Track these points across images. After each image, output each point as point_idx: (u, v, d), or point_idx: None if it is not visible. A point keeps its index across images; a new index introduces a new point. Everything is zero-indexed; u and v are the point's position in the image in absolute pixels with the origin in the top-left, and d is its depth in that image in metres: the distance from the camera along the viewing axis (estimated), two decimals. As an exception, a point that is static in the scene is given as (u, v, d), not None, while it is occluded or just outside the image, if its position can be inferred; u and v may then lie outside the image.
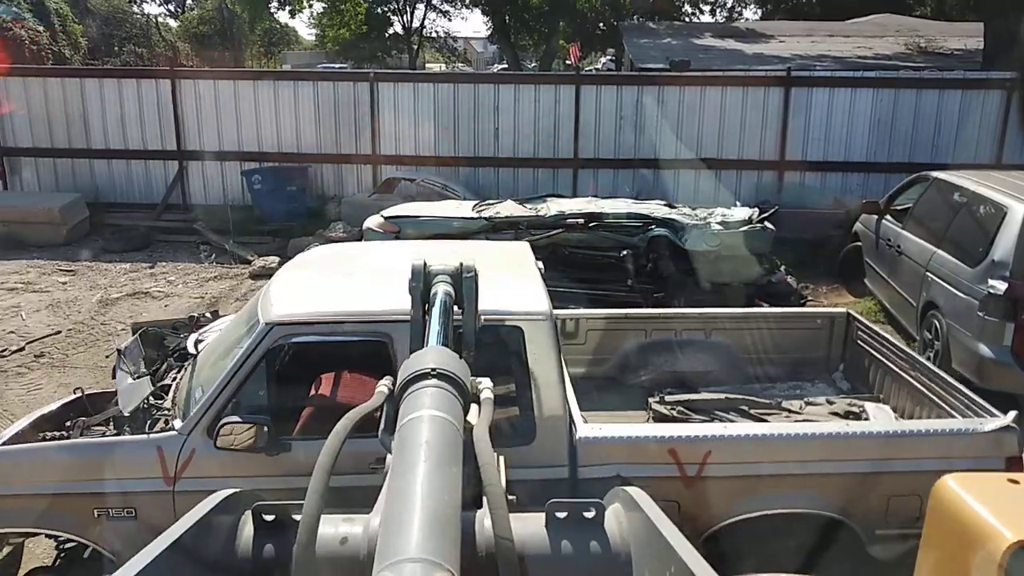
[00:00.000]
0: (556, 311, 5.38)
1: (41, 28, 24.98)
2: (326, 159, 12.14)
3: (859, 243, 9.05)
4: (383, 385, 1.45)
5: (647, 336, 5.38)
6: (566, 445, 3.66)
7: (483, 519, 1.20)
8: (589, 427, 3.76)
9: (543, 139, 11.83)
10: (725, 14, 29.89)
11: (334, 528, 1.22)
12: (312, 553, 1.04)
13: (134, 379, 4.23)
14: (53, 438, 4.09)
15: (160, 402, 4.07)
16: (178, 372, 4.38)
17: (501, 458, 1.43)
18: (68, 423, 4.29)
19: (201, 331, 4.84)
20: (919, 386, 4.53)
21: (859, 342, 5.24)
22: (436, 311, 1.79)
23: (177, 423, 3.73)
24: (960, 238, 6.84)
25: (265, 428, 3.47)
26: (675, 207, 8.49)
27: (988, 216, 6.54)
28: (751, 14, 30.31)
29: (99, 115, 12.11)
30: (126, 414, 3.93)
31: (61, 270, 10.05)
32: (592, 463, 3.67)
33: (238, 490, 1.37)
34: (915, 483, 3.71)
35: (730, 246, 7.85)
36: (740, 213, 8.35)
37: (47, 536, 4.07)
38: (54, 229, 11.03)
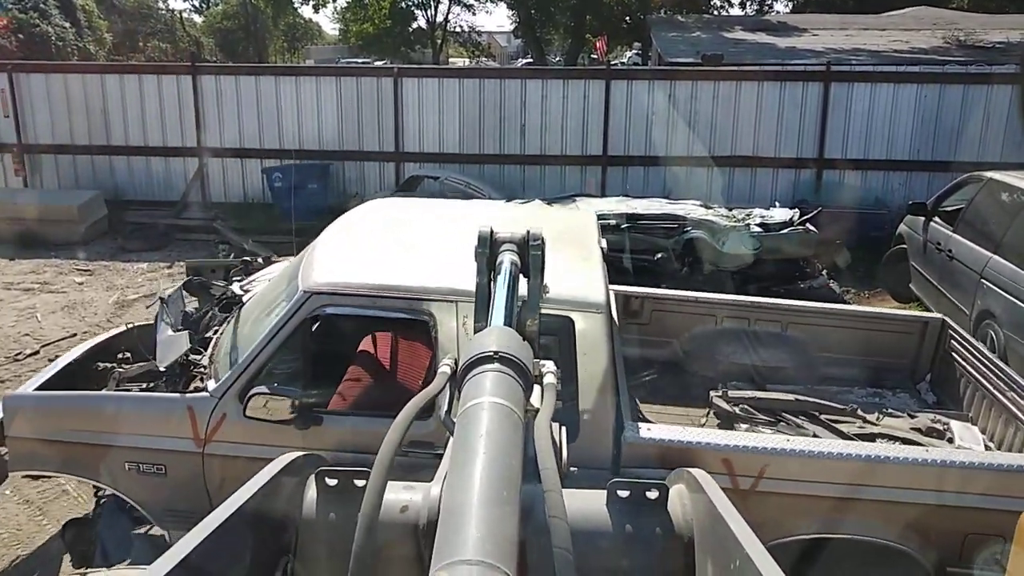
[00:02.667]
0: (620, 287, 5.12)
1: (67, 24, 25.07)
2: (348, 156, 11.89)
3: (904, 246, 8.62)
4: (445, 365, 1.40)
5: (717, 323, 5.06)
6: (610, 447, 3.42)
7: (539, 494, 1.13)
8: (637, 428, 3.48)
9: (571, 136, 11.50)
10: (755, 7, 29.27)
11: (395, 495, 1.24)
12: (376, 520, 1.03)
13: (174, 331, 4.12)
14: (106, 370, 4.16)
15: (198, 358, 3.96)
16: (221, 324, 4.27)
17: (563, 429, 1.47)
18: (115, 363, 4.30)
19: (249, 279, 4.70)
20: (1016, 410, 4.10)
21: (952, 352, 4.81)
22: (501, 281, 1.72)
23: (211, 384, 3.62)
24: (1019, 243, 6.42)
25: (295, 402, 3.35)
26: (711, 207, 8.14)
27: (1052, 220, 6.12)
28: (782, 7, 29.72)
29: (119, 111, 11.95)
30: (162, 369, 3.83)
31: (78, 270, 9.88)
32: (637, 466, 3.40)
33: (304, 452, 1.39)
34: (999, 522, 3.32)
35: (770, 250, 7.48)
36: (780, 214, 7.98)
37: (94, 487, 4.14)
38: (72, 227, 10.88)
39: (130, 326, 4.62)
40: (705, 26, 19.86)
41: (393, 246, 4.02)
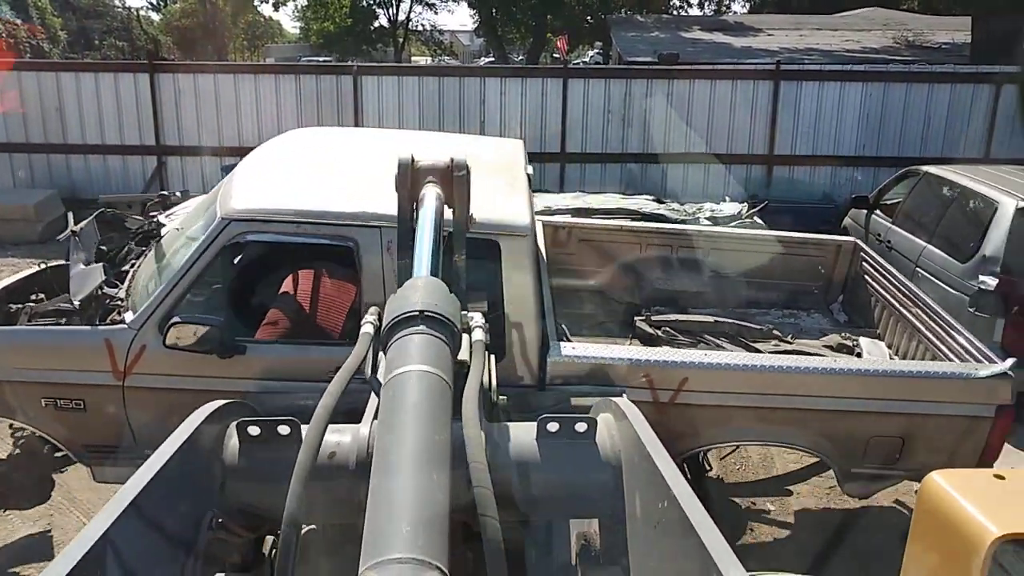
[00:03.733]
0: (549, 218, 5.27)
1: (19, 21, 24.63)
2: (308, 154, 11.89)
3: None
4: (368, 324, 1.37)
5: (642, 251, 5.22)
6: (537, 365, 3.53)
7: (460, 433, 1.17)
8: (562, 346, 3.61)
9: (530, 133, 11.60)
10: (713, 7, 29.73)
11: (324, 438, 1.19)
12: (311, 467, 1.02)
13: (86, 265, 3.91)
14: (19, 311, 3.97)
15: (114, 291, 3.81)
16: (139, 258, 4.10)
17: (492, 357, 1.51)
18: (29, 300, 4.13)
19: (168, 212, 4.60)
20: (919, 325, 4.35)
21: (864, 274, 5.06)
22: (425, 218, 1.64)
23: (128, 316, 3.52)
24: (950, 233, 6.74)
25: (214, 329, 3.27)
26: (664, 202, 8.36)
27: (979, 211, 6.44)
28: (739, 7, 30.22)
29: (76, 109, 11.84)
30: (76, 303, 3.64)
31: (36, 268, 9.79)
32: (563, 384, 3.54)
33: (225, 401, 1.37)
34: (900, 425, 3.62)
35: (719, 242, 7.72)
36: (729, 208, 8.23)
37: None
38: (28, 226, 10.78)
39: (43, 265, 4.36)
40: (664, 26, 20.18)
41: (315, 172, 3.90)
